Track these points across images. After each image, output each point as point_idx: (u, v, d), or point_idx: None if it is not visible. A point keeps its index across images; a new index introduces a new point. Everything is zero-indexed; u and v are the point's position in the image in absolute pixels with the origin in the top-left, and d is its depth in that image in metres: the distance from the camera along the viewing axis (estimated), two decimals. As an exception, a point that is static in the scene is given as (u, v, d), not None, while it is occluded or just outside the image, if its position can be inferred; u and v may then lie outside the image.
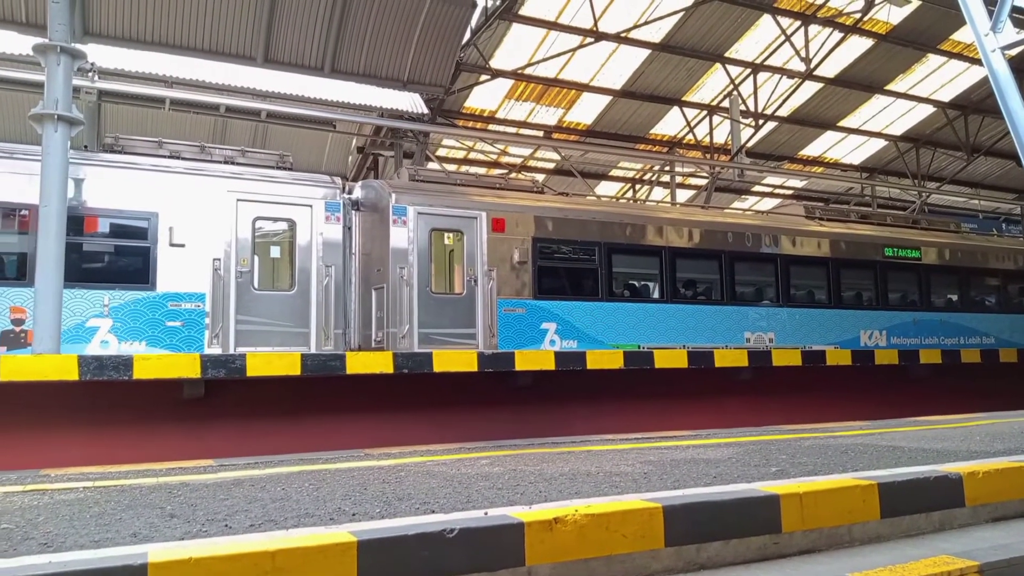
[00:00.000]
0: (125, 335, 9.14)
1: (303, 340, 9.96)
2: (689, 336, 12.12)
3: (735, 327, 12.59)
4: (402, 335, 10.11)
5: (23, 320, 8.78)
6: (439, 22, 14.88)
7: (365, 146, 17.64)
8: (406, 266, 10.30)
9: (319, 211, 10.32)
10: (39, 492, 3.38)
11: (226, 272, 9.65)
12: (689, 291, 12.71)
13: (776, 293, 13.25)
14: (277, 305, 9.97)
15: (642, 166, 23.92)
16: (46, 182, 7.72)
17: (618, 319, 11.66)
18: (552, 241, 11.47)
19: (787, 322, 13.10)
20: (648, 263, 12.41)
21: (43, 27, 8.27)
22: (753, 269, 13.29)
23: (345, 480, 3.61)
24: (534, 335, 11.03)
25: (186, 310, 9.46)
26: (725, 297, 12.73)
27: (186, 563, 2.03)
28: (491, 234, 11.01)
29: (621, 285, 12.23)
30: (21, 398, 5.64)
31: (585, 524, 2.53)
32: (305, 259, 10.18)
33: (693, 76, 19.78)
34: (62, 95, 7.83)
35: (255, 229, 10.04)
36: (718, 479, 3.40)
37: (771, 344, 12.74)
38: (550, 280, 11.41)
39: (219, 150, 10.63)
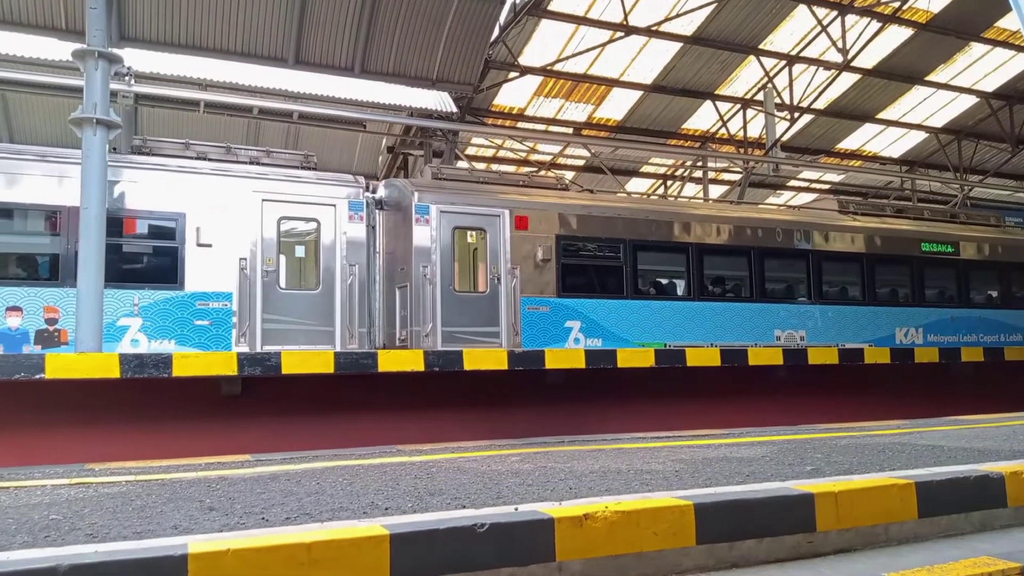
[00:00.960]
0: (154, 334, 9.31)
1: (328, 339, 10.04)
2: (717, 334, 11.97)
3: (765, 325, 12.41)
4: (425, 333, 10.14)
5: (56, 320, 8.98)
6: (467, 20, 14.92)
7: (395, 146, 17.77)
8: (429, 264, 10.33)
9: (343, 210, 10.40)
10: (84, 485, 3.48)
11: (252, 271, 9.78)
12: (717, 288, 12.54)
13: (807, 290, 13.02)
14: (302, 304, 10.08)
15: (674, 162, 23.72)
16: (86, 185, 7.92)
17: (644, 317, 11.57)
18: (576, 238, 11.40)
19: (819, 319, 12.88)
20: (674, 260, 12.27)
21: (82, 33, 8.48)
22: (783, 265, 13.07)
23: (377, 475, 3.65)
24: (558, 333, 10.99)
25: (214, 309, 9.60)
26: (754, 294, 12.55)
27: (224, 554, 2.07)
28: (514, 232, 10.98)
29: (647, 282, 12.12)
30: (66, 395, 5.80)
31: (615, 521, 2.53)
32: (329, 258, 10.27)
33: (726, 69, 19.55)
34: (100, 99, 8.02)
35: (280, 229, 10.15)
36: (751, 477, 3.38)
37: (802, 342, 12.54)
38: (574, 278, 11.34)
39: (244, 151, 10.78)
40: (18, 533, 2.46)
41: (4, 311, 8.78)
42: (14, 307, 8.83)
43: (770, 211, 15.01)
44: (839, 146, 23.77)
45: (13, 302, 8.83)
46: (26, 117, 15.75)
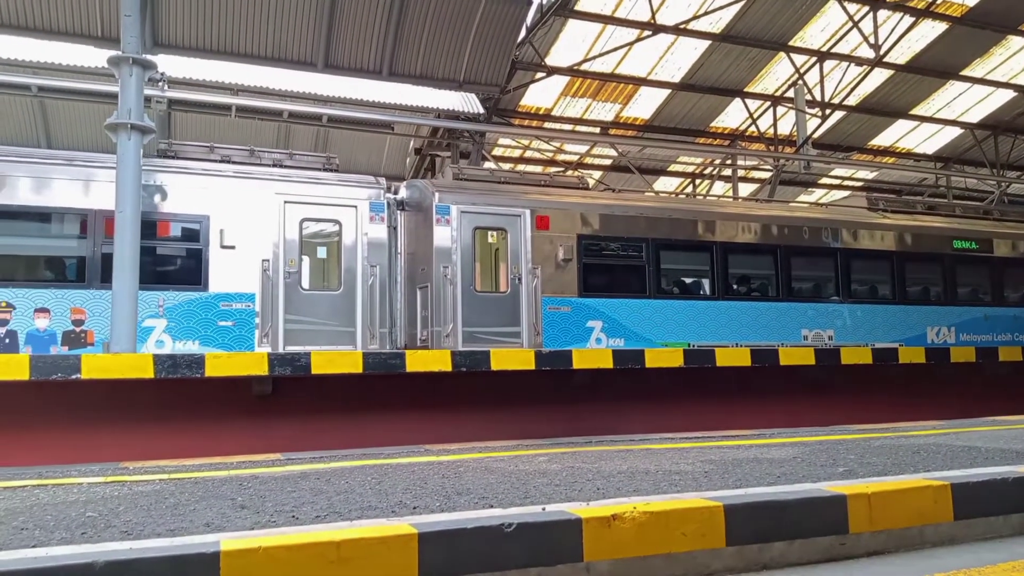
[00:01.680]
0: (179, 335, 9.44)
1: (349, 339, 10.11)
2: (742, 334, 11.82)
3: (791, 324, 12.23)
4: (446, 334, 10.15)
5: (83, 321, 9.14)
6: (494, 21, 14.95)
7: (422, 147, 17.86)
8: (450, 265, 10.35)
9: (364, 211, 10.46)
10: (119, 483, 3.54)
11: (275, 272, 9.89)
12: (742, 287, 12.38)
13: (836, 288, 12.80)
14: (324, 304, 10.16)
15: (702, 160, 23.53)
16: (120, 189, 8.09)
17: (667, 316, 11.47)
18: (598, 238, 11.34)
19: (848, 319, 12.66)
20: (698, 259, 12.14)
21: (117, 40, 8.65)
22: (811, 264, 12.86)
23: (406, 474, 3.67)
24: (579, 333, 10.93)
25: (237, 310, 9.72)
26: (780, 293, 12.37)
27: (256, 552, 2.10)
28: (535, 231, 10.96)
29: (670, 282, 12.00)
30: (102, 395, 5.92)
31: (644, 521, 2.52)
32: (351, 259, 10.35)
33: (756, 66, 19.35)
34: (135, 105, 8.18)
35: (302, 230, 10.24)
36: (782, 479, 3.34)
37: (830, 342, 12.35)
38: (596, 277, 11.28)
39: (267, 153, 10.89)
40: (56, 529, 2.51)
41: (32, 312, 8.97)
42: (42, 308, 9.01)
43: (797, 209, 14.79)
44: (872, 143, 23.39)
45: (41, 304, 9.01)
46: (64, 123, 16.10)
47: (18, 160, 9.36)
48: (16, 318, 8.92)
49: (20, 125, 15.89)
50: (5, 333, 8.89)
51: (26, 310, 8.96)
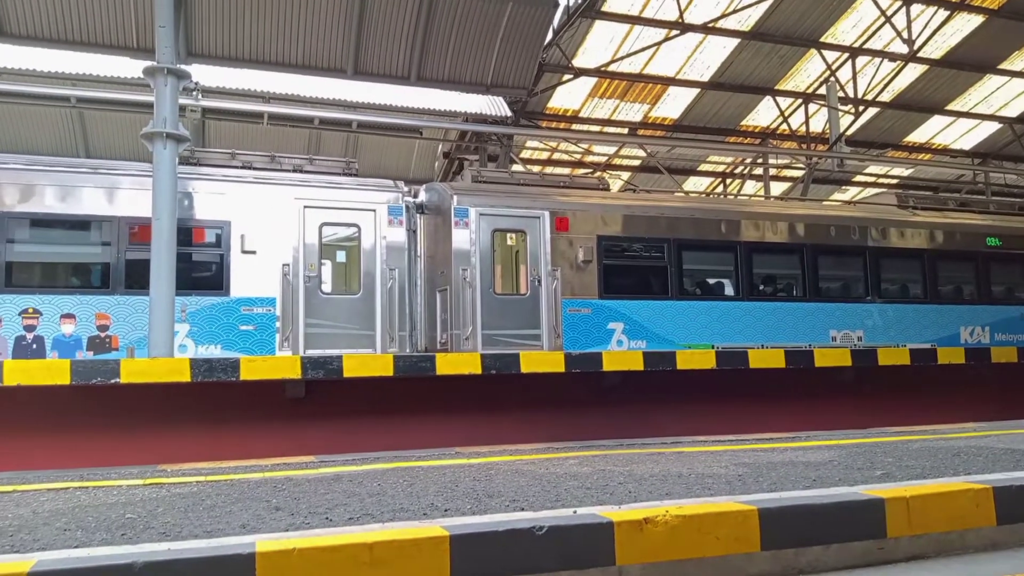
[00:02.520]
0: (202, 339, 9.52)
1: (369, 342, 10.12)
2: (768, 335, 11.62)
3: (819, 325, 12.00)
4: (465, 336, 10.12)
5: (108, 326, 9.26)
6: (521, 24, 14.97)
7: (451, 151, 17.94)
8: (469, 268, 10.33)
9: (382, 215, 10.48)
10: (157, 485, 3.61)
11: (295, 277, 9.93)
12: (768, 287, 12.17)
13: (865, 288, 12.53)
14: (344, 308, 10.18)
15: (733, 159, 23.31)
16: (157, 196, 8.23)
17: (690, 318, 11.32)
18: (618, 239, 11.23)
19: (878, 319, 12.38)
20: (721, 259, 11.95)
21: (152, 51, 8.82)
22: (838, 263, 12.60)
23: (437, 477, 3.69)
24: (600, 335, 10.83)
25: (258, 314, 9.78)
26: (807, 293, 12.14)
27: (290, 553, 2.13)
28: (554, 233, 10.89)
29: (692, 282, 11.84)
30: (140, 399, 6.03)
31: (676, 525, 2.50)
32: (370, 263, 10.36)
33: (786, 63, 19.12)
34: (170, 114, 8.33)
35: (322, 234, 10.29)
36: (818, 482, 3.29)
37: (860, 342, 12.11)
38: (617, 279, 11.16)
39: (288, 159, 10.95)
40: (97, 531, 2.57)
41: (59, 318, 9.11)
42: (68, 314, 9.15)
43: (823, 207, 14.54)
44: (907, 139, 22.97)
45: (67, 310, 9.15)
46: (101, 133, 16.46)
47: (43, 169, 9.53)
48: (43, 324, 9.06)
49: (60, 135, 16.28)
50: (32, 339, 9.04)
51: (52, 316, 9.10)
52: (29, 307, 9.07)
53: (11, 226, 9.22)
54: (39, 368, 5.60)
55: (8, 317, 9.01)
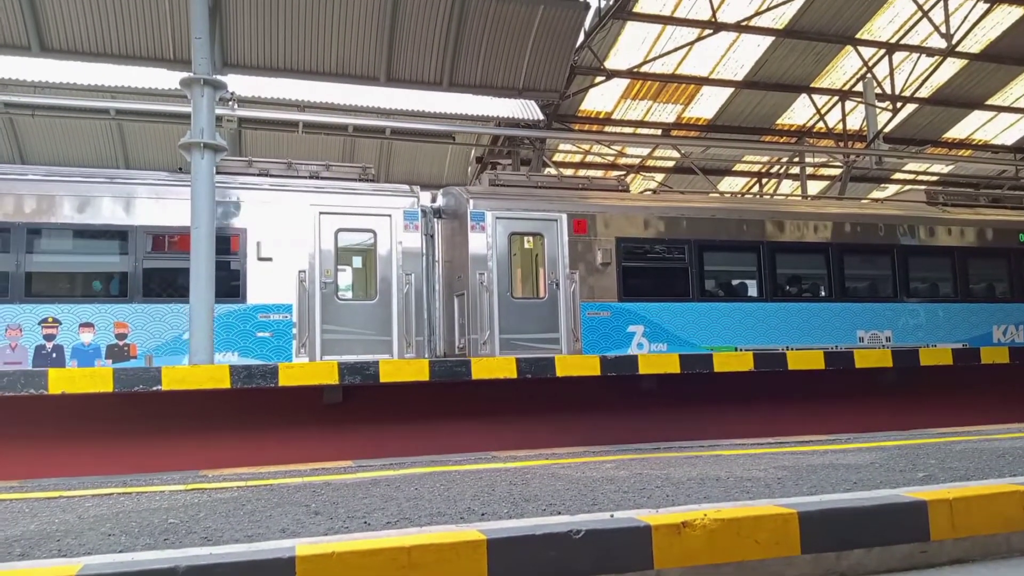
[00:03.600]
0: (219, 346, 9.50)
1: (386, 348, 10.11)
2: (793, 337, 11.38)
3: (846, 326, 11.72)
4: (483, 341, 10.07)
5: (126, 335, 9.37)
6: (552, 28, 14.98)
7: (483, 156, 18.01)
8: (485, 272, 10.29)
9: (398, 220, 10.46)
10: (199, 491, 3.68)
11: (311, 283, 9.95)
12: (792, 288, 11.93)
13: (893, 287, 12.22)
14: (360, 314, 10.17)
15: (769, 158, 23.02)
16: (196, 205, 8.38)
17: (712, 320, 11.14)
18: (638, 240, 11.09)
19: (907, 318, 12.06)
20: (744, 260, 11.75)
21: (188, 62, 9.00)
22: (865, 262, 12.31)
23: (473, 481, 3.70)
24: (620, 339, 10.71)
25: (274, 321, 9.82)
26: (833, 293, 11.88)
27: (329, 557, 2.15)
28: (572, 236, 10.79)
29: (714, 284, 11.66)
30: (181, 405, 6.15)
31: (715, 529, 2.48)
32: (386, 268, 10.34)
33: (822, 61, 18.84)
34: (207, 124, 8.48)
35: (338, 240, 10.30)
36: (859, 485, 3.23)
37: (888, 343, 11.82)
38: (636, 281, 11.03)
39: (305, 166, 11.01)
40: (141, 535, 2.63)
41: (78, 327, 9.23)
42: (87, 323, 9.27)
43: (849, 205, 14.24)
44: (946, 135, 22.46)
45: (86, 318, 9.28)
46: (140, 144, 16.84)
47: (61, 179, 9.70)
48: (62, 333, 9.18)
49: (100, 147, 16.69)
50: (52, 348, 9.18)
51: (71, 325, 9.23)
52: (49, 316, 9.21)
53: (30, 237, 9.36)
54: (83, 376, 5.74)
55: (28, 326, 9.16)
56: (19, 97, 13.63)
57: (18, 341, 9.15)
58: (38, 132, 16.02)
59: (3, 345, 9.11)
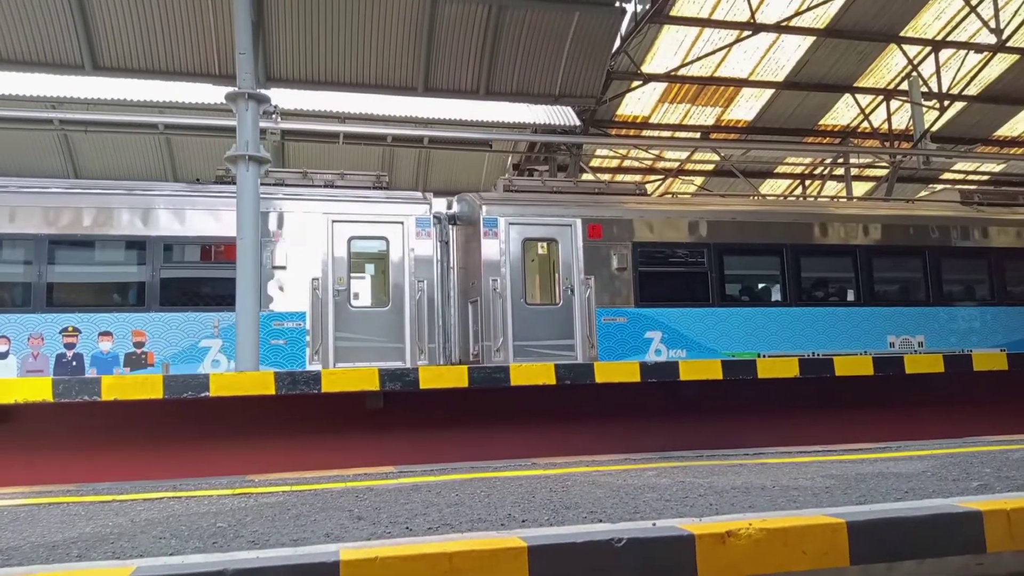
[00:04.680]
0: (234, 354, 9.62)
1: (398, 355, 10.15)
2: (818, 342, 11.11)
3: (875, 330, 11.39)
4: (496, 348, 10.04)
5: (143, 343, 9.56)
6: (588, 34, 14.97)
7: (520, 162, 18.05)
8: (498, 278, 10.28)
9: (410, 227, 10.50)
10: (245, 495, 3.74)
11: (324, 291, 10.04)
12: (819, 292, 11.65)
13: (925, 291, 11.85)
14: (373, 321, 10.22)
15: (812, 160, 22.64)
16: (241, 217, 8.57)
17: (733, 325, 10.93)
18: (655, 245, 10.96)
19: (941, 322, 11.68)
20: (766, 263, 11.53)
21: (233, 77, 9.22)
22: (896, 264, 12.00)
23: (514, 488, 3.70)
24: (637, 345, 10.59)
25: (288, 329, 9.94)
26: (862, 297, 11.56)
27: (372, 562, 2.18)
28: (587, 241, 10.71)
29: (735, 288, 11.44)
30: (228, 411, 6.28)
31: (760, 539, 2.44)
32: (398, 275, 10.39)
33: (865, 60, 18.49)
34: (251, 137, 8.67)
35: (351, 248, 10.38)
36: (910, 494, 3.15)
37: (920, 348, 11.44)
38: (654, 286, 10.89)
39: (320, 175, 11.13)
40: (190, 539, 2.69)
41: (97, 336, 9.46)
42: (105, 332, 9.49)
43: (878, 206, 13.88)
44: (997, 133, 21.84)
45: (105, 327, 9.50)
46: (187, 157, 17.28)
47: (81, 192, 9.97)
48: (82, 341, 9.42)
49: (149, 160, 17.16)
50: (72, 356, 9.40)
51: (91, 333, 9.45)
52: (69, 325, 9.44)
53: (52, 248, 9.62)
54: (134, 383, 5.90)
55: (49, 335, 9.40)
56: (73, 114, 14.10)
57: (40, 349, 9.39)
58: (91, 147, 16.55)
59: (26, 353, 9.35)
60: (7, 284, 9.64)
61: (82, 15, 13.41)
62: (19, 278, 9.58)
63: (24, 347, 9.37)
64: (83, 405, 5.62)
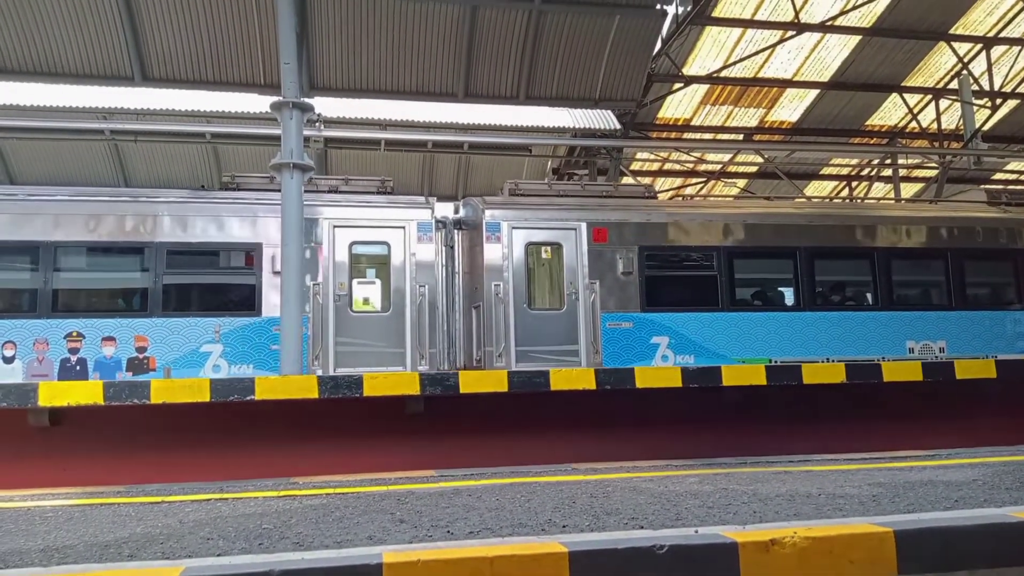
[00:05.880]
0: (234, 359, 9.76)
1: (399, 360, 10.10)
2: (833, 347, 10.78)
3: (893, 335, 11.03)
4: (498, 353, 9.96)
5: (146, 348, 9.66)
6: (629, 37, 14.90)
7: (560, 167, 18.04)
8: (501, 283, 10.21)
9: (412, 232, 10.47)
10: (290, 497, 3.81)
11: (324, 296, 10.03)
12: (835, 296, 11.32)
13: (947, 294, 11.44)
14: (373, 326, 10.19)
15: (859, 161, 22.18)
16: (286, 223, 8.73)
17: (744, 330, 10.68)
18: (661, 248, 10.77)
19: (963, 327, 11.25)
20: (778, 267, 11.23)
21: (278, 87, 9.40)
22: (916, 267, 11.59)
23: (554, 493, 3.70)
24: (643, 350, 10.41)
25: None
26: (880, 301, 11.21)
27: (415, 565, 2.20)
28: (592, 245, 10.57)
29: (746, 292, 11.16)
30: (272, 414, 6.39)
31: (806, 547, 2.40)
32: (399, 280, 10.35)
33: (913, 58, 18.05)
34: (296, 145, 8.83)
35: (352, 253, 10.37)
36: (961, 503, 3.06)
37: (942, 354, 11.04)
38: (660, 291, 10.70)
39: (324, 180, 11.18)
40: (237, 540, 2.74)
41: (100, 341, 9.60)
42: (108, 337, 9.62)
43: (898, 207, 13.37)
44: (1054, 131, 21.11)
45: (108, 332, 9.63)
46: (233, 166, 17.62)
47: (86, 199, 10.13)
48: (86, 346, 9.55)
49: (196, 169, 17.58)
50: (76, 360, 9.55)
51: (94, 339, 9.59)
52: (74, 331, 9.60)
53: (57, 254, 9.78)
54: (181, 387, 6.04)
55: (54, 340, 9.55)
56: (123, 124, 14.53)
57: (45, 354, 9.56)
58: (140, 156, 17.03)
59: (31, 358, 9.53)
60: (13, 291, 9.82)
61: (132, 29, 13.82)
62: (26, 284, 9.76)
63: (30, 352, 9.54)
64: (132, 408, 5.77)
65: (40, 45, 13.87)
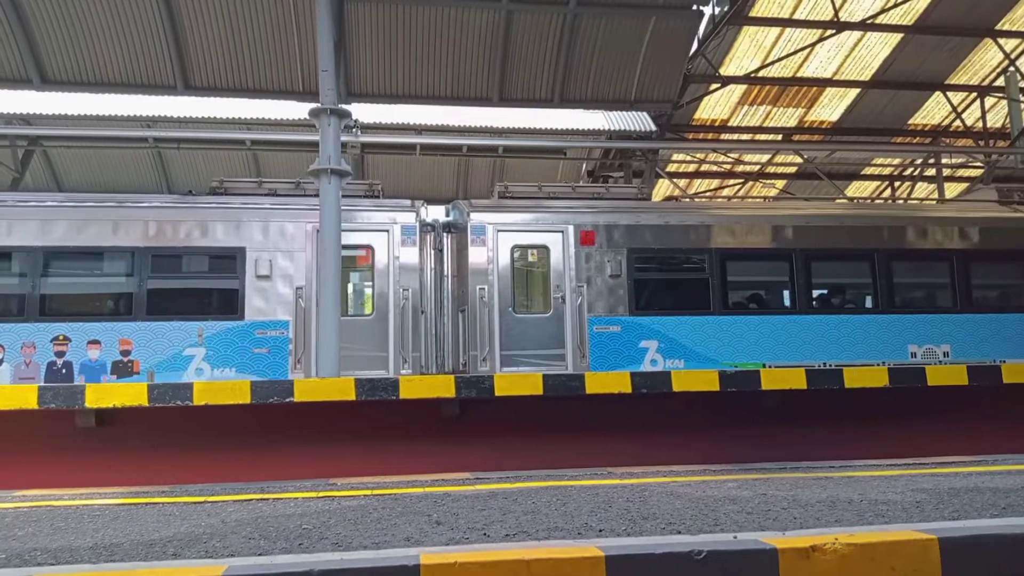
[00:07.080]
0: (217, 363, 9.78)
1: (382, 363, 10.06)
2: (829, 352, 10.49)
3: (894, 339, 10.70)
4: (482, 357, 9.87)
5: (130, 351, 9.74)
6: (665, 38, 14.82)
7: (595, 169, 17.97)
8: (486, 286, 10.12)
9: (396, 235, 10.42)
10: (329, 498, 3.86)
11: (308, 300, 10.00)
12: (835, 299, 11.03)
13: (952, 297, 11.07)
14: (356, 330, 10.11)
15: (901, 160, 21.72)
16: (324, 227, 8.84)
17: (735, 334, 10.43)
18: (651, 251, 10.57)
19: (969, 330, 10.88)
20: (773, 269, 10.97)
21: (316, 94, 9.54)
22: (919, 269, 11.23)
23: (590, 497, 3.69)
24: (631, 354, 10.23)
25: (271, 337, 9.93)
26: (880, 304, 10.87)
27: (452, 566, 2.21)
28: (579, 248, 10.42)
29: (738, 295, 10.92)
30: (310, 416, 6.48)
31: (847, 554, 2.36)
32: (383, 283, 10.31)
33: (957, 56, 17.63)
34: (333, 151, 8.94)
35: None
36: (1008, 510, 2.99)
37: (946, 358, 10.67)
38: (649, 294, 10.52)
39: (311, 184, 11.04)
40: (278, 540, 2.79)
41: (86, 344, 9.70)
42: (94, 340, 9.73)
43: (900, 207, 12.92)
44: (1108, 128, 20.42)
45: (93, 336, 9.73)
46: (273, 172, 17.91)
47: (73, 205, 10.26)
48: (72, 350, 9.67)
49: (237, 174, 17.85)
50: (62, 364, 9.68)
51: (80, 342, 9.70)
52: (60, 334, 9.73)
53: (45, 259, 9.92)
54: (223, 389, 6.16)
55: (41, 343, 9.68)
56: (166, 132, 14.87)
57: (32, 358, 9.70)
58: (182, 163, 17.42)
59: (19, 362, 9.68)
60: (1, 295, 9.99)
61: (175, 39, 14.15)
62: (14, 289, 9.92)
63: (17, 355, 9.69)
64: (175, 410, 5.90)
65: (87, 57, 14.28)
